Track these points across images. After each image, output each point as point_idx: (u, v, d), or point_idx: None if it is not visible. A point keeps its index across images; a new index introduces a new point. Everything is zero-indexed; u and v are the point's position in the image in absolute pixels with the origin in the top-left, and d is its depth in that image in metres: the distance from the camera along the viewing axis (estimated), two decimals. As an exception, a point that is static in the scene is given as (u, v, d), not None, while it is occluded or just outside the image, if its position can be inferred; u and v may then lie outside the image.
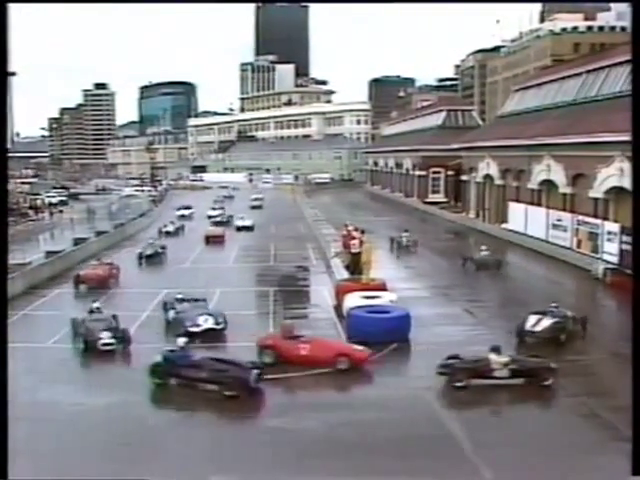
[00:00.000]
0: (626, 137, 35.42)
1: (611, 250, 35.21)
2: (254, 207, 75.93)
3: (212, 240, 49.13)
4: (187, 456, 14.56)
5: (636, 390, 10.24)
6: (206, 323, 23.78)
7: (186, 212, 68.03)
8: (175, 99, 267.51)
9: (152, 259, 40.56)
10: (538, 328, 22.50)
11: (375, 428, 16.06)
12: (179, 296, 26.00)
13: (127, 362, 21.76)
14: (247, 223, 57.46)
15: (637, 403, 10.09)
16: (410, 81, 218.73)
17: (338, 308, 27.18)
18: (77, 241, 44.39)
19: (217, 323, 24.00)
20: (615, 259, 34.51)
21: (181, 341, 19.65)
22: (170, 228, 54.44)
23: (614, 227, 35.65)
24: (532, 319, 22.95)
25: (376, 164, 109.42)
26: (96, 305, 24.31)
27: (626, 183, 36.31)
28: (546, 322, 22.58)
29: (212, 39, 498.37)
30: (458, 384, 18.34)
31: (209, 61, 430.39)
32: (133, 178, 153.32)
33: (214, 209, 68.26)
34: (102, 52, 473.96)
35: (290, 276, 33.76)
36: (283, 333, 21.44)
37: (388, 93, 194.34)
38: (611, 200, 38.67)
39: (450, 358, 18.90)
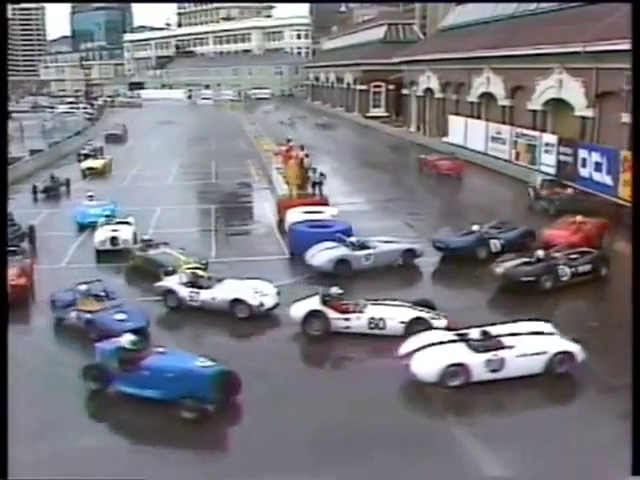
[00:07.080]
0: (564, 49, 35.70)
1: (549, 162, 35.77)
2: None
3: None
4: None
5: (636, 390, 10.24)
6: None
7: None
8: (109, 14, 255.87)
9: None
10: None
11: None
12: None
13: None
14: None
15: (637, 402, 10.10)
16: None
17: (280, 224, 27.23)
18: (11, 160, 43.03)
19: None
20: (552, 170, 35.11)
21: None
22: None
23: (552, 139, 36.13)
24: None
25: (317, 79, 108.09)
26: None
27: (564, 94, 36.71)
28: None
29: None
30: None
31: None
32: (68, 95, 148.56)
33: None
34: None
35: (232, 193, 33.55)
36: None
37: (329, 7, 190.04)
38: (549, 112, 39.03)
39: None
